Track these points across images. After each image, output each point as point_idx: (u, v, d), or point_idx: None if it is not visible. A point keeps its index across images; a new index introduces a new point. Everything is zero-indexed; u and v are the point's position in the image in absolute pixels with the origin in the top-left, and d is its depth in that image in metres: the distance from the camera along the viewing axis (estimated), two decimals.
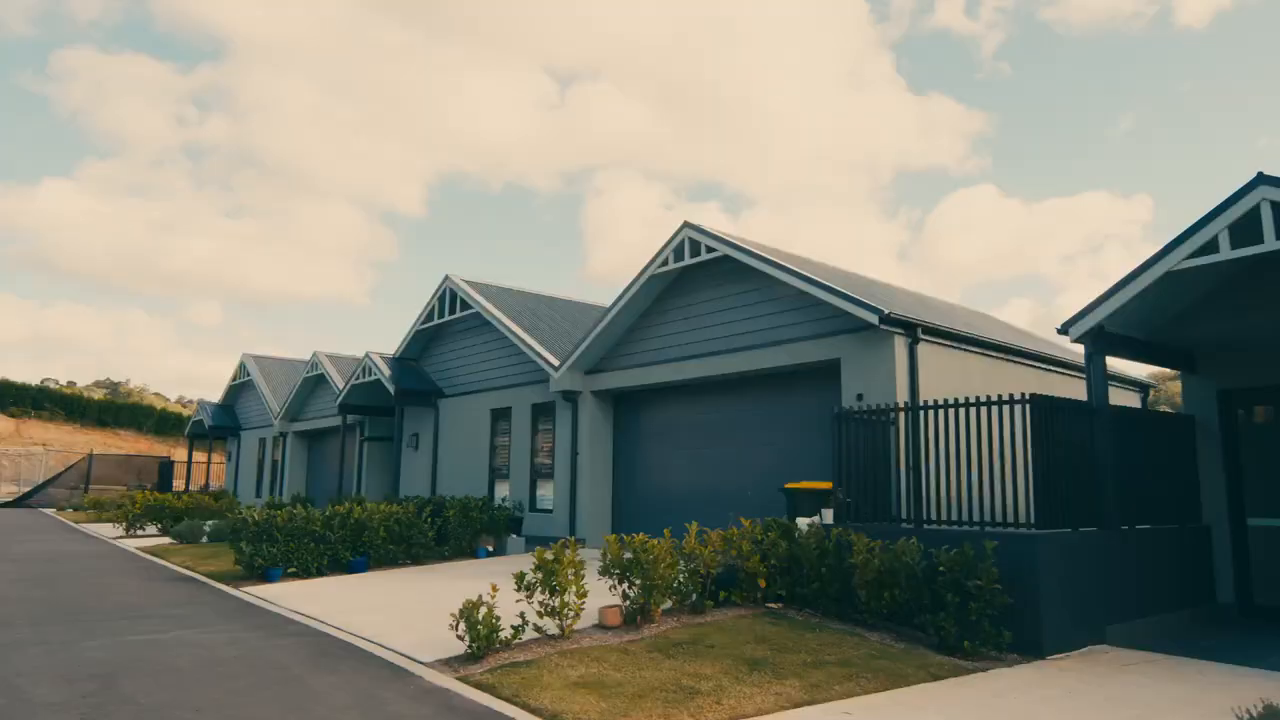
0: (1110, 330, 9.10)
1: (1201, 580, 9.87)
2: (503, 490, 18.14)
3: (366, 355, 21.51)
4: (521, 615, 7.48)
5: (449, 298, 20.20)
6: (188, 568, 14.00)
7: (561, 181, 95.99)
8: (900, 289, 16.43)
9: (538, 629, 7.58)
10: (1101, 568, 8.42)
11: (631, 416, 16.18)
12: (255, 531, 12.32)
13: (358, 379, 21.75)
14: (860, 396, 11.30)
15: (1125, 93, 77.60)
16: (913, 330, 11.26)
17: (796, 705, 5.82)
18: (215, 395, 34.70)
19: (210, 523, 19.31)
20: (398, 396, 20.24)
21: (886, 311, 10.84)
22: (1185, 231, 8.17)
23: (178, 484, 36.97)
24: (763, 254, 12.78)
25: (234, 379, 32.74)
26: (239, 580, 12.07)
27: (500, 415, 18.67)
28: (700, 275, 14.27)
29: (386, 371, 20.73)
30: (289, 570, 12.36)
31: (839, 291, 11.40)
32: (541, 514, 16.81)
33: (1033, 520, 8.21)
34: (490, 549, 15.03)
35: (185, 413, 56.55)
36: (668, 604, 8.64)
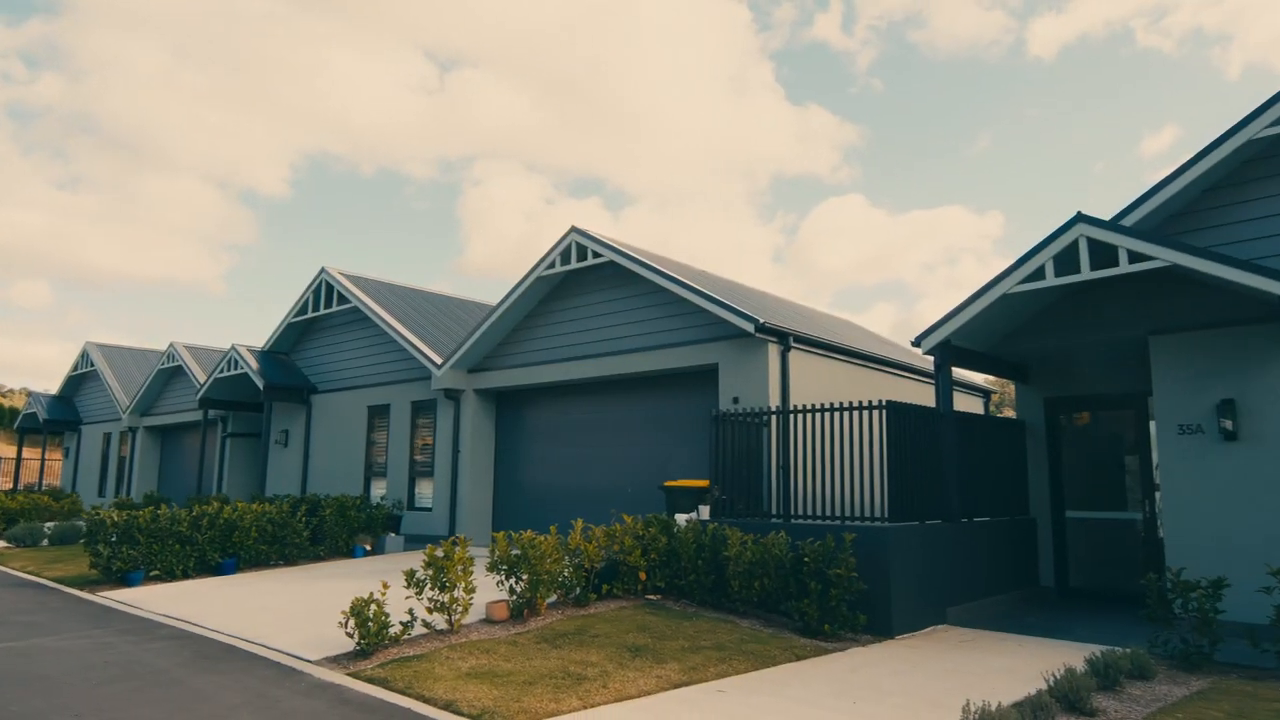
0: (956, 344, 10.14)
1: (1028, 566, 11.13)
2: (379, 489, 17.89)
3: (233, 348, 20.62)
4: (410, 612, 7.64)
5: (325, 290, 19.69)
6: (31, 573, 13.13)
7: (438, 169, 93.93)
8: (774, 297, 17.39)
9: (426, 625, 7.74)
10: (944, 556, 9.39)
11: (515, 415, 16.37)
12: (115, 533, 11.72)
13: (222, 372, 20.80)
14: (736, 400, 11.99)
15: (983, 114, 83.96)
16: (785, 339, 12.06)
17: (676, 686, 6.31)
18: (42, 384, 32.16)
19: (51, 524, 18.01)
20: (267, 392, 19.53)
21: (762, 321, 11.57)
22: (1018, 260, 9.24)
23: (3, 482, 33.90)
24: (648, 261, 13.29)
25: (74, 369, 30.39)
26: (95, 585, 11.48)
27: (378, 412, 18.39)
28: (587, 278, 14.65)
29: (255, 365, 19.96)
30: (152, 573, 11.85)
31: (719, 300, 12.05)
32: (421, 512, 16.72)
33: (886, 514, 9.09)
34: (368, 548, 14.86)
35: (7, 404, 51.63)
36: (553, 597, 8.99)
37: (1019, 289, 9.30)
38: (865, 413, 9.47)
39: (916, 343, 10.20)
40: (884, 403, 9.33)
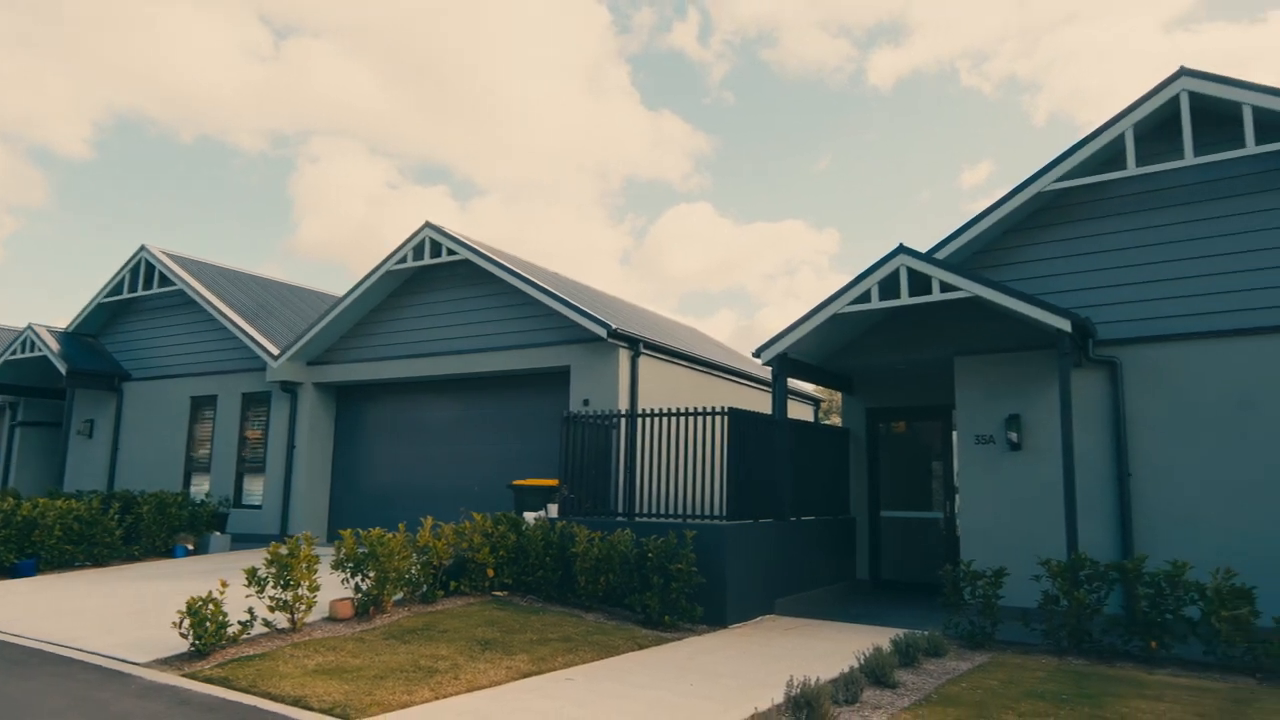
0: (792, 356, 10.99)
1: (847, 561, 12.20)
2: (202, 485, 16.83)
3: (29, 328, 18.67)
4: (250, 611, 7.41)
5: (144, 270, 18.25)
6: None
7: (269, 142, 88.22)
8: (625, 303, 17.91)
9: (268, 624, 7.53)
10: (775, 552, 10.16)
11: (357, 411, 15.92)
12: None
13: (14, 354, 18.78)
14: (587, 402, 12.35)
15: (825, 135, 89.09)
16: (636, 344, 12.55)
17: (525, 675, 6.55)
18: None
19: None
20: (70, 377, 17.84)
21: (615, 327, 11.99)
22: (848, 284, 10.17)
23: None
24: (504, 262, 13.40)
25: None
26: None
27: (203, 403, 17.29)
28: (439, 275, 14.53)
29: (56, 348, 18.18)
30: None
31: (575, 305, 12.36)
32: (249, 510, 15.90)
33: (725, 513, 9.74)
34: (190, 548, 13.97)
35: None
36: (399, 595, 8.95)
37: (848, 310, 10.23)
38: (709, 418, 10.09)
39: (757, 354, 10.96)
40: (726, 409, 9.98)
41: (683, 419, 10.33)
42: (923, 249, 9.96)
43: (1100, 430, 9.58)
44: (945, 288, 9.48)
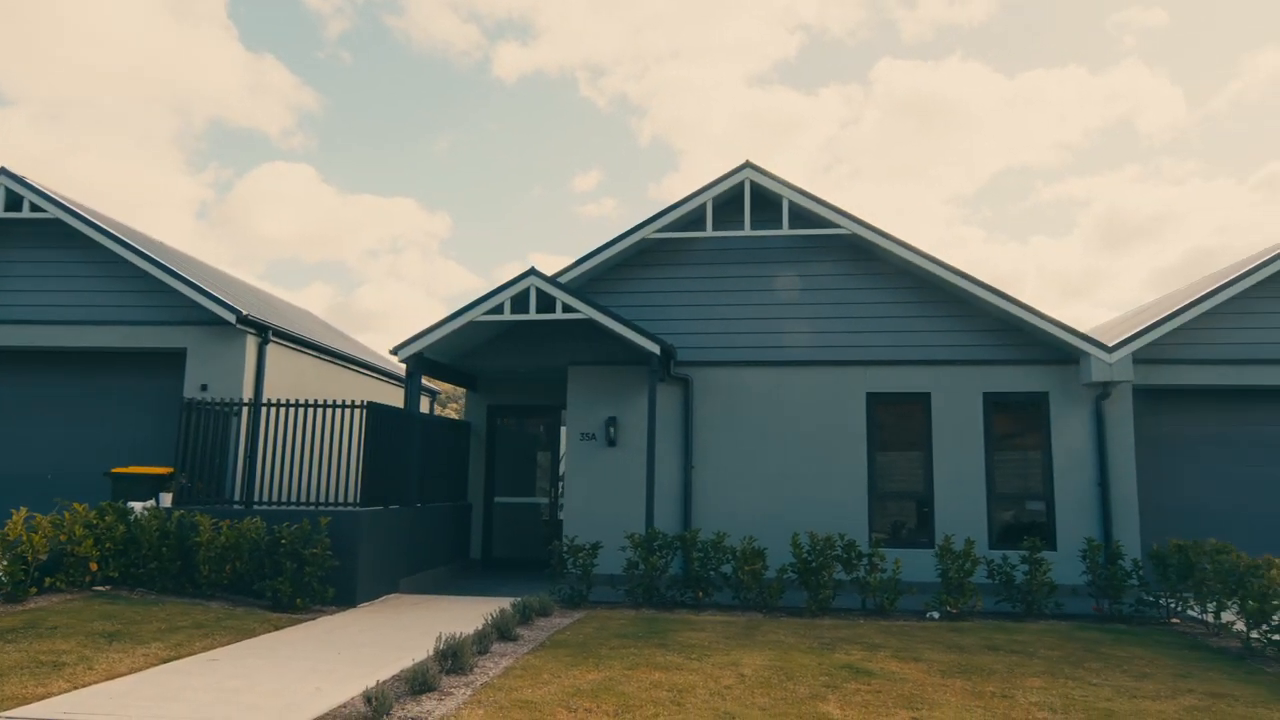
0: (428, 356, 11.89)
1: (463, 543, 13.41)
2: None
3: None
4: None
5: None
6: None
7: None
8: (244, 283, 16.96)
9: None
10: (402, 536, 10.97)
11: None
12: None
13: None
14: (205, 387, 11.84)
15: (446, 117, 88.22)
16: (264, 332, 12.35)
17: (166, 660, 6.61)
18: None
19: None
20: None
21: (245, 313, 11.72)
22: (485, 295, 11.40)
23: None
24: (112, 230, 12.17)
25: None
26: None
27: None
28: (18, 231, 12.59)
29: None
30: None
31: (199, 287, 11.77)
32: None
33: (360, 500, 10.31)
34: None
35: None
36: None
37: (483, 318, 11.46)
38: (347, 410, 10.56)
39: (395, 352, 11.65)
40: (365, 403, 10.56)
41: (323, 410, 10.64)
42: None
43: (676, 432, 12.09)
44: (567, 309, 11.20)
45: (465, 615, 9.09)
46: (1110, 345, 11.21)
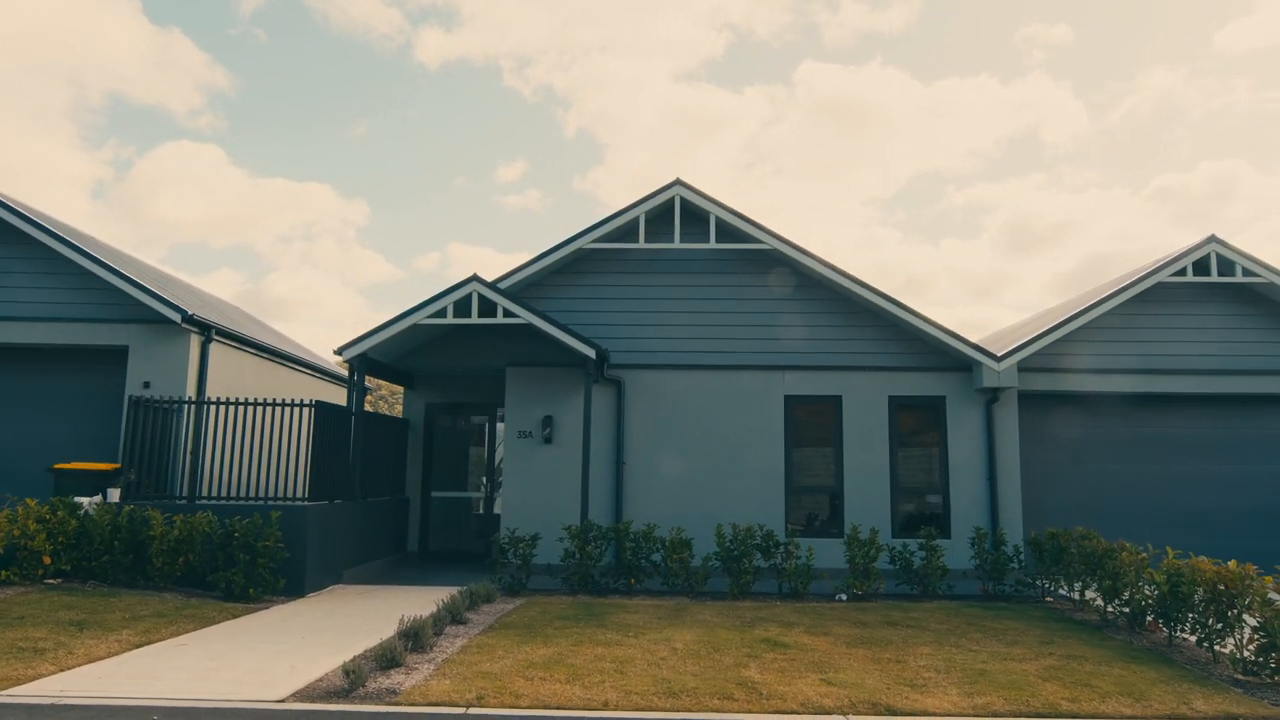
0: (371, 356, 12.36)
1: (401, 535, 13.91)
2: None
3: None
4: None
5: None
6: None
7: None
8: (182, 281, 16.92)
9: None
10: (346, 529, 11.45)
11: None
12: None
13: None
14: (148, 385, 12.02)
15: (365, 102, 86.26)
16: (208, 331, 12.59)
17: (139, 645, 7.05)
18: None
19: None
20: None
21: (190, 313, 11.96)
22: (429, 299, 11.93)
23: None
24: (52, 229, 12.19)
25: None
26: None
27: None
28: None
29: None
30: None
31: (144, 287, 11.92)
32: None
33: (307, 494, 10.76)
34: None
35: None
36: None
37: (426, 321, 12.00)
38: (294, 409, 10.98)
39: (339, 352, 12.07)
40: (313, 402, 11.00)
41: (272, 408, 11.02)
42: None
43: (609, 430, 12.88)
44: (507, 314, 11.85)
45: (411, 603, 9.68)
46: (999, 355, 12.54)
